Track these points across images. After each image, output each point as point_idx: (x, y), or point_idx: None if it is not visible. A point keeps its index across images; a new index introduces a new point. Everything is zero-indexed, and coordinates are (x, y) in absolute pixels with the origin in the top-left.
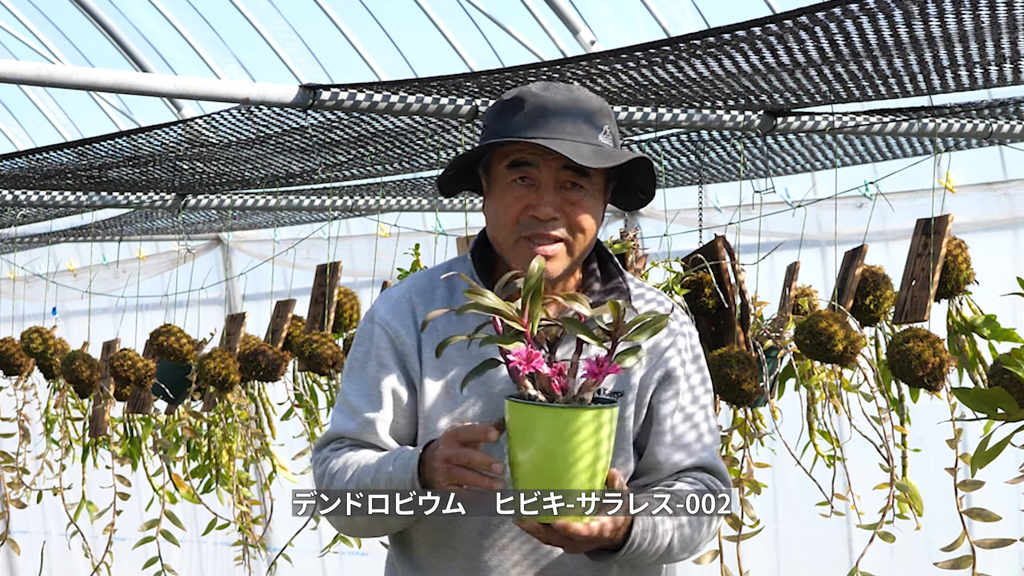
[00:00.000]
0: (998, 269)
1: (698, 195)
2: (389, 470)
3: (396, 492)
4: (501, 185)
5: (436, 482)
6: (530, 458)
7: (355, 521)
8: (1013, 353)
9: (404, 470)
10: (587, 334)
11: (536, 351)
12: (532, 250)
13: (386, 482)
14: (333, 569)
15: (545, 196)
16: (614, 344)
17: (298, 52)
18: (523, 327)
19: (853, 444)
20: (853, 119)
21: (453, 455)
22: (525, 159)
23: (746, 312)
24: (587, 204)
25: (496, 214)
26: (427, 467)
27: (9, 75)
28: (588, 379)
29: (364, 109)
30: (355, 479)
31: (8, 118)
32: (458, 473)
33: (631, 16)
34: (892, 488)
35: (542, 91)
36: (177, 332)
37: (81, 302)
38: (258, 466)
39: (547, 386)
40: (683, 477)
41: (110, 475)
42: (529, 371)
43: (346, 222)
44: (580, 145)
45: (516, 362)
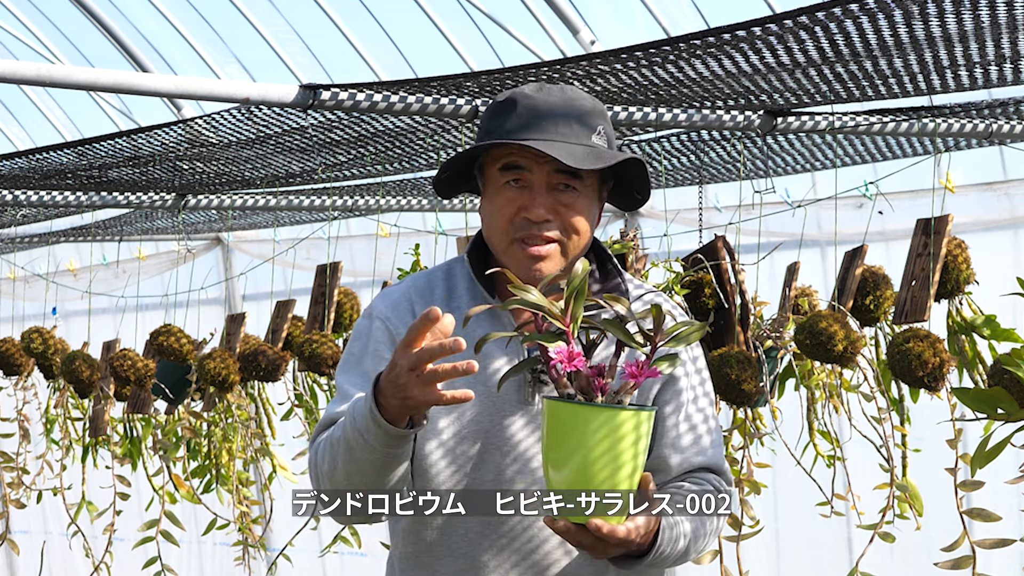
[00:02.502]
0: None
1: (698, 195)
2: (351, 416)
3: (361, 437)
4: (494, 187)
5: (409, 400)
6: (568, 457)
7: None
8: (1013, 353)
9: (362, 406)
10: (628, 337)
11: (577, 351)
12: (526, 251)
13: (351, 426)
14: (333, 569)
15: (538, 198)
16: (654, 348)
17: (298, 52)
18: (565, 326)
19: (853, 444)
20: (853, 119)
21: (416, 358)
22: (517, 162)
23: (746, 312)
24: (580, 205)
25: (490, 216)
26: (386, 396)
27: (9, 75)
28: (627, 381)
29: (364, 109)
30: (329, 440)
31: (8, 118)
32: (430, 374)
33: (631, 16)
34: (892, 488)
35: (535, 92)
36: (177, 332)
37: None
38: (258, 466)
39: (586, 386)
40: (690, 478)
41: (110, 475)
42: (569, 370)
43: (346, 222)
44: (572, 146)
45: (557, 360)
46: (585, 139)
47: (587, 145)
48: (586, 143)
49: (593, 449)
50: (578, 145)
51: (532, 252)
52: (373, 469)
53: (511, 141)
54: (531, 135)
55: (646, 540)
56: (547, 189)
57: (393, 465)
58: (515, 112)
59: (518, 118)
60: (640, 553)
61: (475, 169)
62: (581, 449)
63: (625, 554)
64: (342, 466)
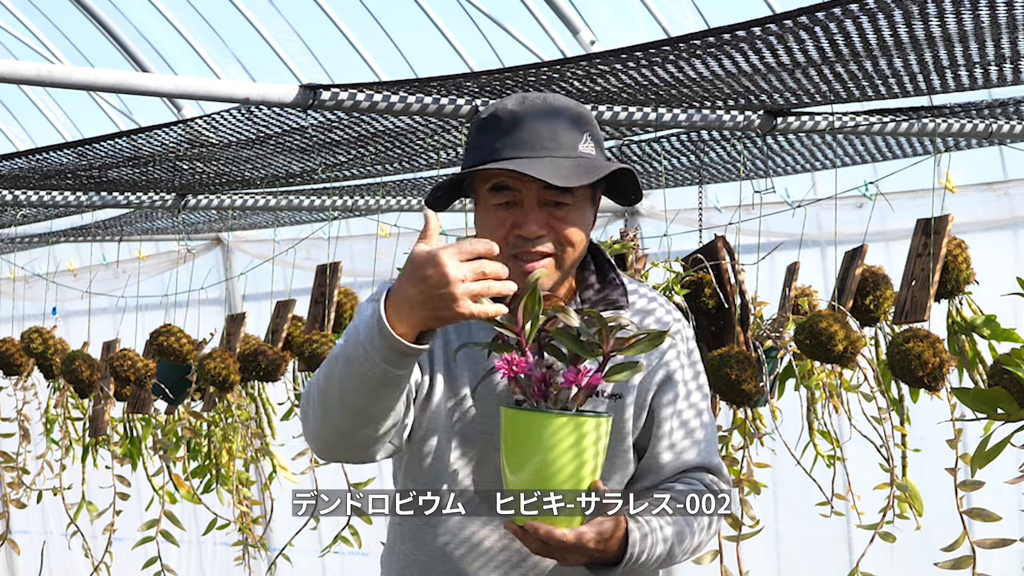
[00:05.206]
0: (998, 269)
1: (698, 195)
2: (355, 328)
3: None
4: (485, 207)
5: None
6: (510, 460)
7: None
8: (1013, 353)
9: (368, 317)
10: (578, 347)
11: (520, 357)
12: (521, 267)
13: (352, 338)
14: (333, 569)
15: (530, 215)
16: (606, 359)
17: (298, 52)
18: (515, 333)
19: (853, 444)
20: (853, 119)
21: (469, 269)
22: (506, 183)
23: (746, 312)
24: (573, 218)
25: (484, 234)
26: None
27: (9, 75)
28: (564, 387)
29: (364, 109)
30: (328, 359)
31: (8, 118)
32: (479, 286)
33: (631, 16)
34: (892, 488)
35: (518, 106)
36: (177, 332)
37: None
38: (258, 466)
39: (529, 391)
40: (683, 478)
41: (110, 475)
42: (511, 375)
43: (346, 222)
44: (560, 161)
45: (500, 366)
46: (572, 150)
47: (575, 156)
48: (574, 154)
49: (529, 453)
50: (565, 159)
51: (528, 268)
52: (368, 388)
53: (497, 167)
54: (517, 153)
55: (609, 547)
56: (538, 205)
57: (390, 388)
58: (500, 128)
59: (504, 136)
60: (613, 561)
61: (465, 185)
62: (519, 453)
63: (599, 562)
64: (337, 382)
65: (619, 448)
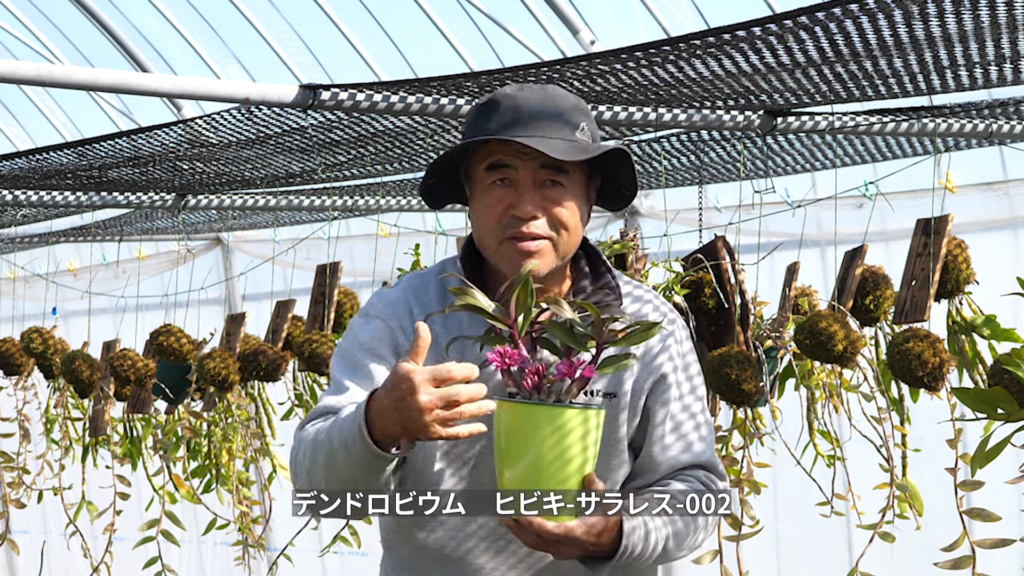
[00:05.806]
0: (998, 269)
1: (698, 195)
2: (339, 427)
3: (345, 449)
4: (481, 188)
5: (419, 435)
6: (504, 453)
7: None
8: (1013, 353)
9: (351, 422)
10: (571, 339)
11: (513, 350)
12: (516, 248)
13: (337, 437)
14: (333, 569)
15: (525, 195)
16: (599, 351)
17: (298, 52)
18: (508, 326)
19: (853, 444)
20: (853, 119)
21: (439, 397)
22: (502, 160)
23: (746, 312)
24: (568, 201)
25: (479, 217)
26: (384, 420)
27: (9, 75)
28: (558, 380)
29: (364, 109)
30: (314, 440)
31: (8, 118)
32: (449, 414)
33: (631, 16)
34: (892, 488)
35: (516, 92)
36: (177, 332)
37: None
38: (258, 466)
39: (521, 384)
40: (679, 476)
41: (110, 475)
42: (504, 368)
43: (346, 222)
44: (556, 141)
45: (492, 359)
46: (568, 136)
47: (570, 140)
48: (569, 139)
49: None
50: (561, 141)
51: (522, 248)
52: (352, 477)
53: (495, 137)
54: (515, 132)
55: (604, 540)
56: (534, 186)
57: (374, 474)
58: (498, 112)
59: (501, 117)
60: (608, 554)
61: (461, 175)
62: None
63: (593, 556)
64: (322, 469)
65: (614, 449)
